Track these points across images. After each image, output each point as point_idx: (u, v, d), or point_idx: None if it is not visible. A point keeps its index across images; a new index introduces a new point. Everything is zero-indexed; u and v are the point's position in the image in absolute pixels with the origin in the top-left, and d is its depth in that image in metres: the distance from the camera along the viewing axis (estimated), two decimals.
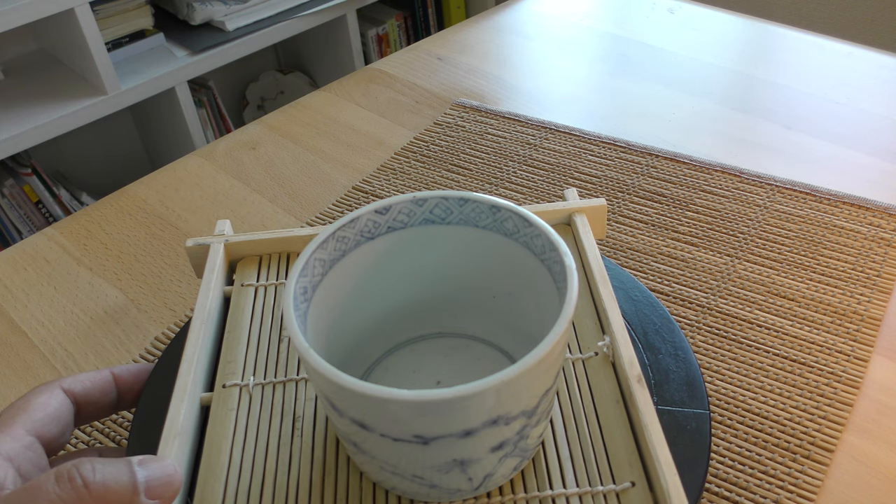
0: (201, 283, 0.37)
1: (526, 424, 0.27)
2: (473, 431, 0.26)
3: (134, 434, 0.34)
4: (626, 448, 0.30)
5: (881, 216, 0.50)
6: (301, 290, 0.29)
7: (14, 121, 1.28)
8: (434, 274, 0.34)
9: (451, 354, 0.36)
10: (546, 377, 0.27)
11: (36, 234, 0.55)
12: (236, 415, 0.32)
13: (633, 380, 0.31)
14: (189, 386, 0.32)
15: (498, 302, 0.34)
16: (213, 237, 0.39)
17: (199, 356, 0.34)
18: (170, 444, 0.30)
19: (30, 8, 1.19)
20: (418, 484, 0.28)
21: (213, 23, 1.52)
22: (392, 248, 0.33)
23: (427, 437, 0.26)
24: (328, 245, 0.31)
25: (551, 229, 0.30)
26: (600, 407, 0.32)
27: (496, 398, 0.25)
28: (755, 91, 0.65)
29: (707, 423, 0.32)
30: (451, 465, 0.27)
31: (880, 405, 0.39)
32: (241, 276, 0.39)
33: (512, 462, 0.29)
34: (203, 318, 0.35)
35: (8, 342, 0.46)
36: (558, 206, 0.40)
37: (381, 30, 1.83)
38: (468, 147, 0.60)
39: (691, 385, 0.34)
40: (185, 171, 0.60)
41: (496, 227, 0.32)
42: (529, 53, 0.74)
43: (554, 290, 0.29)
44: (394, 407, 0.25)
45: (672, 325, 0.37)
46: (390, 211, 0.32)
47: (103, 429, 0.40)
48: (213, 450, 0.31)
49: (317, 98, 0.69)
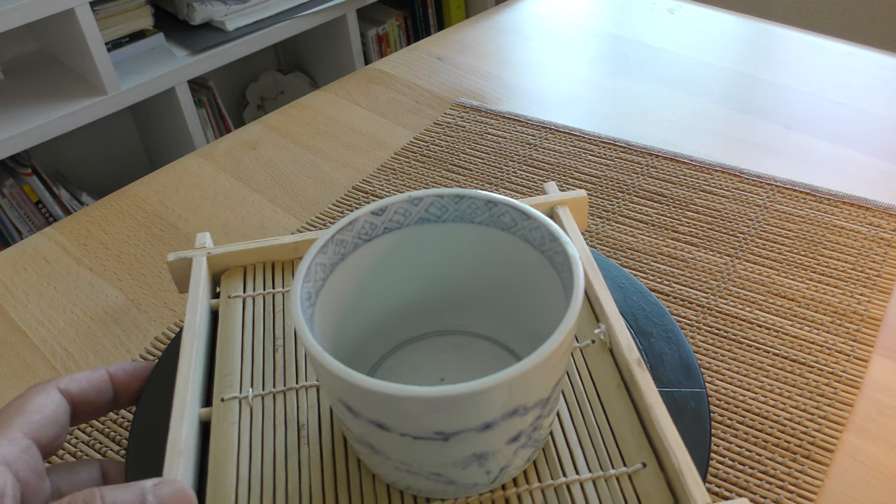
0: (187, 298, 0.36)
1: (540, 415, 0.28)
2: (493, 424, 0.26)
3: (134, 434, 0.34)
4: (632, 431, 0.30)
5: (881, 216, 0.50)
6: (306, 296, 0.29)
7: (14, 121, 1.28)
8: (433, 272, 0.34)
9: (453, 352, 0.36)
10: (560, 366, 0.27)
11: (36, 234, 0.55)
12: (238, 428, 0.32)
13: (633, 364, 0.31)
14: (187, 403, 0.31)
15: (498, 297, 0.34)
16: (194, 251, 0.38)
17: (193, 372, 0.33)
18: (175, 462, 0.29)
19: (30, 8, 1.19)
20: (434, 481, 0.28)
21: (213, 23, 1.52)
22: (390, 249, 0.33)
23: (448, 432, 0.26)
24: (328, 249, 0.31)
25: (550, 221, 0.30)
26: (603, 393, 0.32)
27: (516, 389, 0.25)
28: (755, 91, 0.65)
29: (705, 401, 0.33)
30: (470, 460, 0.27)
31: (880, 405, 0.39)
32: (227, 287, 0.38)
33: (526, 453, 0.29)
34: (193, 333, 0.34)
35: (8, 342, 0.46)
36: (539, 199, 0.40)
37: (381, 30, 1.83)
38: (468, 147, 0.60)
39: (685, 366, 0.35)
40: (185, 171, 0.60)
41: (493, 222, 0.32)
42: (529, 53, 0.74)
43: (556, 282, 0.30)
44: (415, 404, 0.24)
45: (661, 308, 0.37)
46: (386, 212, 0.32)
47: (103, 428, 0.40)
48: (219, 467, 0.30)
49: (317, 98, 0.69)
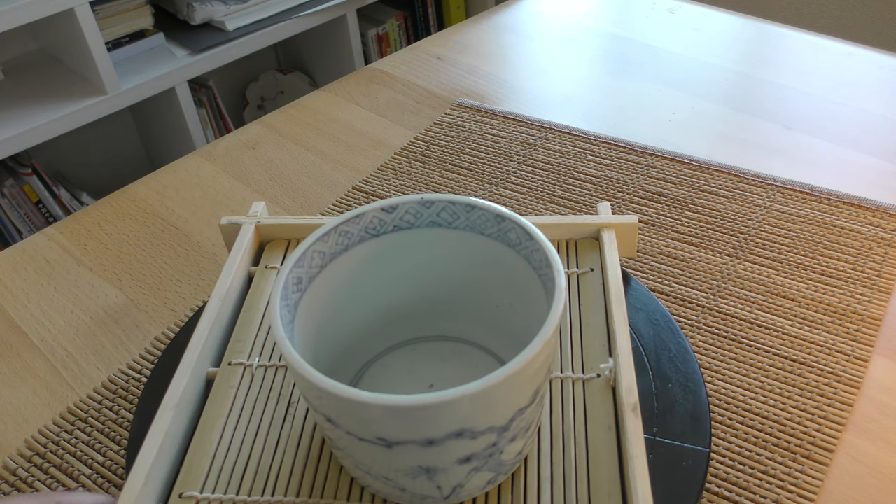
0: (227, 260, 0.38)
1: (497, 441, 0.27)
2: (436, 441, 0.25)
3: (134, 434, 0.34)
4: (608, 476, 0.29)
5: (881, 216, 0.50)
6: (295, 280, 0.30)
7: (14, 121, 1.28)
8: (438, 276, 0.34)
9: (450, 359, 0.36)
10: (517, 396, 0.26)
11: (36, 234, 0.55)
12: (236, 392, 0.33)
13: (629, 408, 0.30)
14: (195, 360, 0.33)
15: (500, 311, 0.34)
16: (245, 217, 0.41)
17: (212, 332, 0.35)
18: (165, 414, 0.31)
19: (30, 8, 1.19)
20: (389, 486, 0.28)
21: (213, 23, 1.52)
22: (397, 247, 0.33)
23: (389, 440, 0.25)
24: (329, 238, 0.31)
25: (550, 245, 0.30)
26: (592, 431, 0.31)
27: (457, 411, 0.24)
28: (755, 91, 0.65)
29: (704, 462, 0.31)
30: (417, 472, 0.27)
31: (880, 405, 0.39)
32: (268, 258, 0.40)
33: (485, 476, 0.28)
34: (221, 295, 0.36)
35: (8, 342, 0.46)
36: (588, 218, 0.39)
37: (381, 30, 1.83)
38: (468, 147, 0.60)
39: (696, 420, 0.33)
40: (185, 171, 0.60)
41: (500, 236, 0.32)
42: (529, 53, 0.74)
43: (546, 309, 0.29)
44: (352, 405, 0.25)
45: (688, 354, 0.36)
46: (397, 210, 0.32)
47: (103, 428, 0.40)
48: (208, 424, 0.32)
49: (317, 98, 0.69)
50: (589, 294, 0.37)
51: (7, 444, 0.40)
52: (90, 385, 0.43)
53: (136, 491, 0.28)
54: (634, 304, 0.38)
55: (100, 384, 0.43)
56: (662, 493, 0.29)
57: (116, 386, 0.42)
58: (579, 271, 0.38)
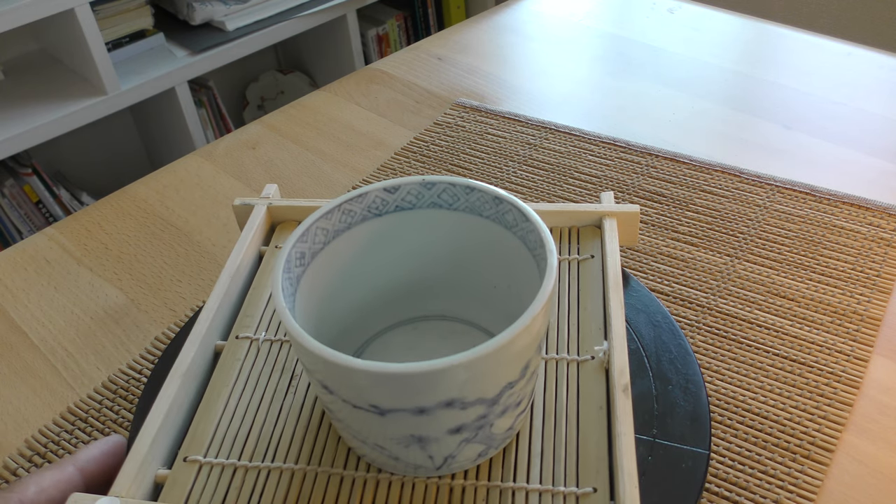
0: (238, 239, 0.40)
1: (486, 413, 0.27)
2: (427, 410, 0.26)
3: (134, 435, 0.34)
4: (597, 454, 0.30)
5: (881, 216, 0.50)
6: (298, 255, 0.31)
7: (14, 121, 1.28)
8: (438, 257, 0.35)
9: (449, 337, 0.36)
10: (506, 369, 0.27)
11: (36, 234, 0.55)
12: (241, 364, 0.35)
13: (619, 388, 0.31)
14: (204, 333, 0.34)
15: (498, 292, 0.35)
16: (258, 199, 0.42)
17: (221, 306, 0.36)
18: (173, 382, 0.32)
19: (30, 8, 1.19)
20: (384, 455, 0.29)
21: (213, 23, 1.52)
22: (399, 226, 0.34)
23: (382, 408, 0.26)
24: (333, 216, 0.32)
25: (545, 226, 0.30)
26: (583, 410, 0.32)
27: (447, 380, 0.25)
28: (755, 91, 0.65)
29: (704, 464, 0.31)
30: (410, 440, 0.28)
31: (880, 405, 0.39)
32: (278, 238, 0.41)
33: (476, 448, 0.29)
34: (231, 272, 0.38)
35: (8, 342, 0.46)
36: (591, 207, 0.40)
37: (381, 30, 1.83)
38: (468, 147, 0.60)
39: (696, 422, 0.33)
40: (185, 171, 0.60)
41: (498, 218, 0.32)
42: (529, 53, 0.74)
43: (538, 290, 0.30)
44: (345, 372, 0.25)
45: (689, 356, 0.36)
46: (399, 191, 0.33)
47: (103, 428, 0.40)
48: (214, 394, 0.33)
49: (317, 98, 0.69)
50: (588, 280, 0.37)
51: (7, 444, 0.40)
52: (90, 385, 0.43)
53: (143, 454, 0.29)
54: (635, 306, 0.38)
55: (100, 384, 0.43)
56: (661, 495, 0.29)
57: (116, 386, 0.42)
58: (580, 258, 0.39)
